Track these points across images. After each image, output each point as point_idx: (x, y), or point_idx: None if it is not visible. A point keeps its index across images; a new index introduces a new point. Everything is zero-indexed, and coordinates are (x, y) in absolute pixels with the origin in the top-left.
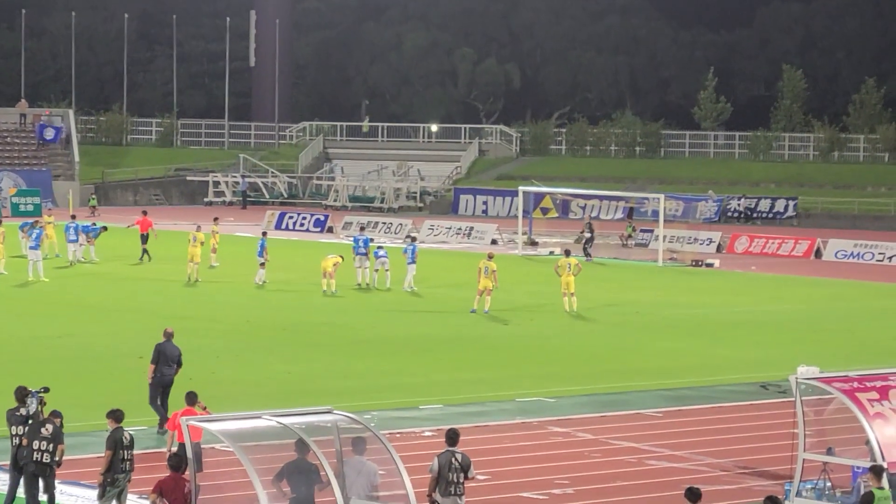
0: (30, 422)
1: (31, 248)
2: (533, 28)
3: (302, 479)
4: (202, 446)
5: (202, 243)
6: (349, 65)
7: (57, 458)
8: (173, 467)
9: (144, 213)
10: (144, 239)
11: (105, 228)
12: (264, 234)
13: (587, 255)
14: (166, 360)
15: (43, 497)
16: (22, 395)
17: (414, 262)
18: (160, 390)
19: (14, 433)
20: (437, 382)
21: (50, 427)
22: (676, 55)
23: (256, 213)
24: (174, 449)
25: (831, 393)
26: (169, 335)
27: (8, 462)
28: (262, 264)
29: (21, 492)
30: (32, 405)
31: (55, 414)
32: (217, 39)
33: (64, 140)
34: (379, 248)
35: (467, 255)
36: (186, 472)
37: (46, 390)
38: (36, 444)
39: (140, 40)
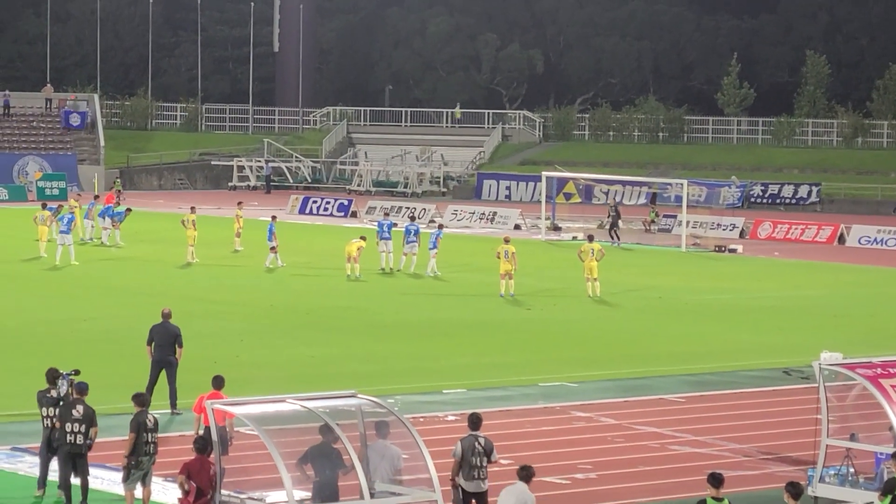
0: (60, 404)
1: (61, 232)
2: (556, 13)
3: (326, 462)
4: (236, 429)
5: (194, 222)
6: (373, 50)
7: (90, 440)
8: (199, 450)
9: (110, 189)
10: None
11: (129, 210)
12: (273, 217)
13: (615, 238)
14: (161, 340)
15: (75, 480)
16: (53, 377)
17: (435, 247)
18: (159, 370)
19: (45, 415)
20: (461, 367)
21: (81, 408)
22: (700, 41)
23: (280, 197)
24: (201, 432)
25: (854, 379)
26: (166, 315)
27: (38, 445)
28: (273, 248)
29: (53, 475)
30: (63, 387)
31: (80, 390)
32: (241, 24)
33: (89, 125)
34: (411, 230)
35: (490, 240)
36: (212, 455)
37: (77, 373)
38: (69, 427)
39: (165, 25)
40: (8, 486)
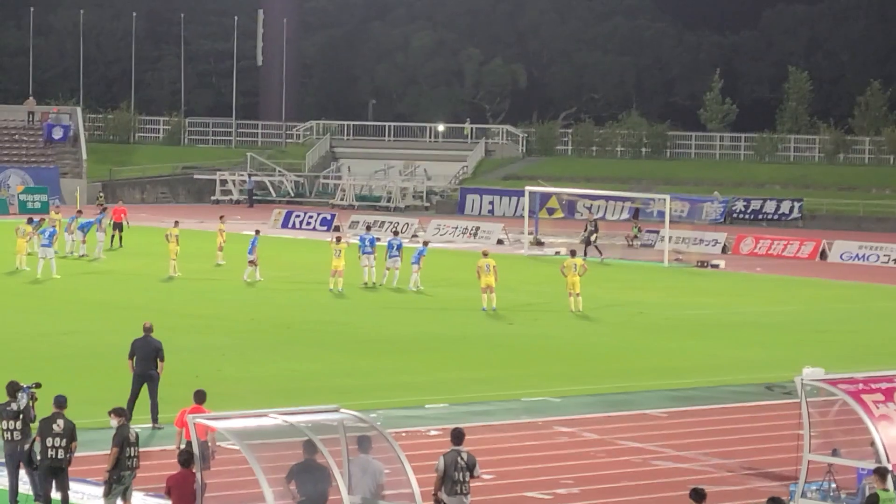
0: (21, 416)
1: (43, 245)
2: (539, 28)
3: (310, 479)
4: (217, 443)
5: (177, 237)
6: (356, 64)
7: (70, 455)
8: (183, 464)
9: (119, 202)
10: (118, 227)
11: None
12: (257, 232)
13: (598, 252)
14: (143, 354)
15: (56, 495)
16: (13, 389)
17: (417, 262)
18: (140, 384)
19: (5, 427)
20: (443, 381)
21: (62, 422)
22: (682, 56)
23: (263, 211)
24: (182, 446)
25: (836, 394)
26: (148, 329)
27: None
28: (252, 262)
29: (26, 488)
30: (23, 400)
31: (59, 404)
32: (225, 38)
33: (72, 138)
34: (394, 245)
35: (473, 255)
36: (194, 469)
37: (38, 385)
38: (49, 441)
39: (148, 39)
40: None
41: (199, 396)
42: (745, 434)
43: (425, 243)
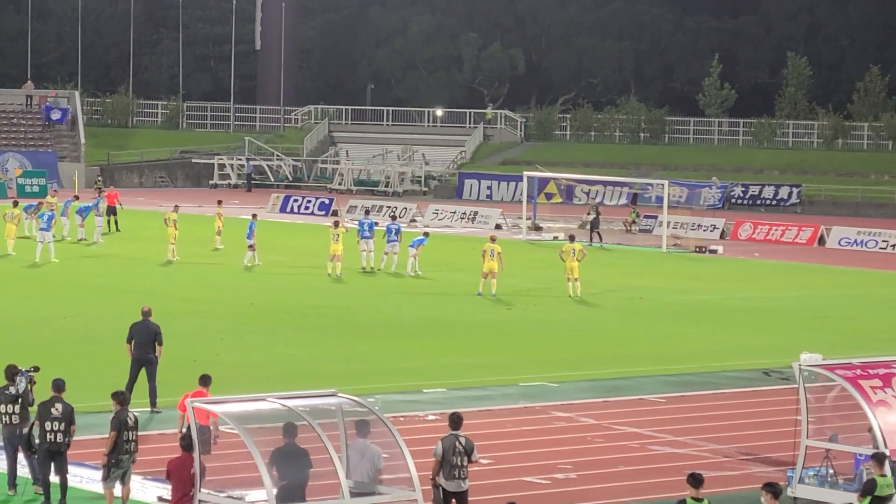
0: (19, 400)
1: (41, 229)
2: (538, 13)
3: (291, 463)
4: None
5: (175, 221)
6: (355, 49)
7: (68, 439)
8: (185, 448)
9: (111, 186)
10: (112, 211)
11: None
12: (254, 216)
13: (599, 238)
14: (141, 338)
15: (55, 479)
16: (11, 373)
17: (415, 247)
18: (139, 368)
19: (4, 411)
20: (441, 366)
21: (60, 406)
22: (681, 41)
23: (261, 196)
24: (184, 430)
25: (834, 380)
26: (146, 313)
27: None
28: (251, 246)
29: (24, 471)
30: (21, 384)
31: (57, 388)
32: (223, 22)
33: (70, 121)
34: (392, 229)
35: (472, 240)
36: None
37: (36, 369)
38: (48, 426)
39: (146, 22)
40: None
41: (204, 380)
42: (742, 419)
43: (426, 234)
